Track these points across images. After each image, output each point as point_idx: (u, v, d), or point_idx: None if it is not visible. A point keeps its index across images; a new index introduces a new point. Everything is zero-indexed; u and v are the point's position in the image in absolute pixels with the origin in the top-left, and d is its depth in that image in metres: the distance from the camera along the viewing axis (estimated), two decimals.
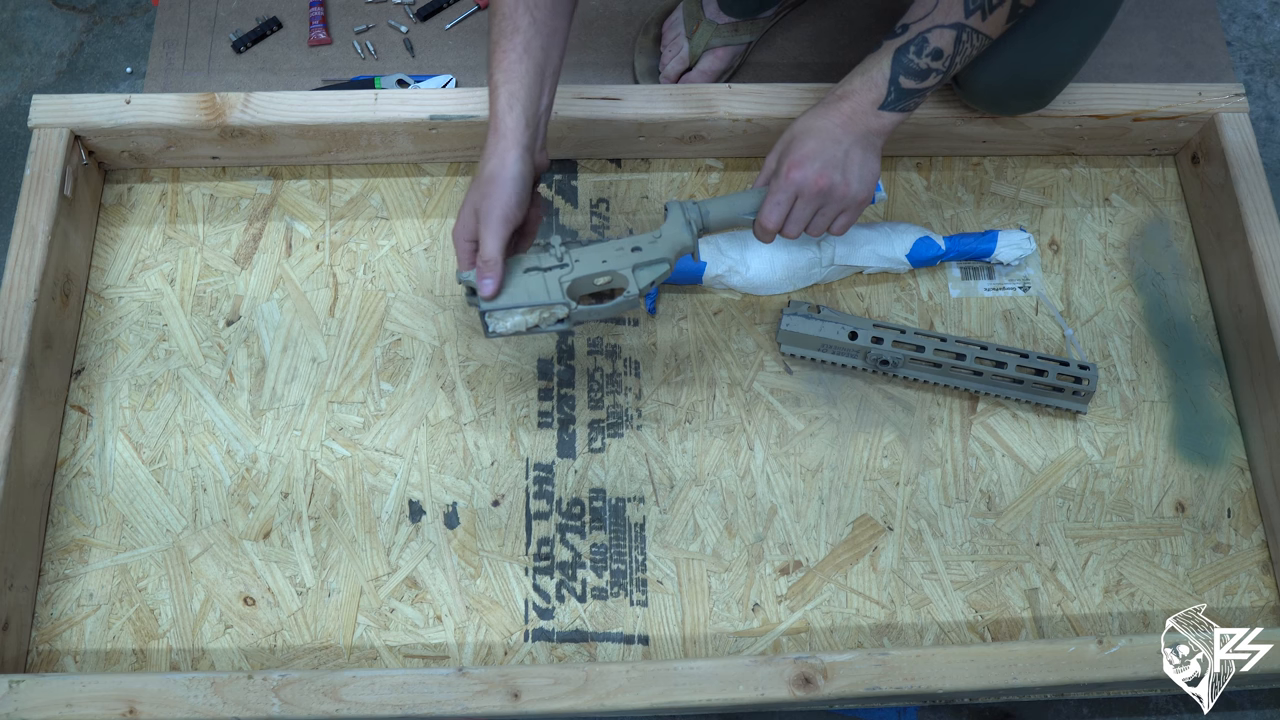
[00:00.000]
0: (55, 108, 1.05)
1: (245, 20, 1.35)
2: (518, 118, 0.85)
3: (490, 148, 0.85)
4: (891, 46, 0.90)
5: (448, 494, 1.00)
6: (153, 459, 1.01)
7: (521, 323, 0.87)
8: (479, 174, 0.85)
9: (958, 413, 1.06)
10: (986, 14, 0.87)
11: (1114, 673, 0.86)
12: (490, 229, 0.84)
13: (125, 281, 1.08)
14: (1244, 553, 1.02)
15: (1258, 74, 1.40)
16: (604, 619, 0.97)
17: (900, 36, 0.90)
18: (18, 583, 0.93)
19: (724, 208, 0.92)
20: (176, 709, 0.83)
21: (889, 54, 0.89)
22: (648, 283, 0.89)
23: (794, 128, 0.91)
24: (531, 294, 0.87)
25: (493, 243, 0.84)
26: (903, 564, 1.00)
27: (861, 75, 0.91)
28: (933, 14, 0.88)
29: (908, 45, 0.89)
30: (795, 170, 0.88)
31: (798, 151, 0.89)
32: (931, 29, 0.88)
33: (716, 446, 1.03)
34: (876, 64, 0.90)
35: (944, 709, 1.03)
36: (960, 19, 0.88)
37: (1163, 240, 1.15)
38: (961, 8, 0.87)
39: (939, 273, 1.11)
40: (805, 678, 0.85)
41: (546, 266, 0.88)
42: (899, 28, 0.90)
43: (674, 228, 0.91)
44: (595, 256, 0.89)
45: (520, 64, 0.85)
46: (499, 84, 0.86)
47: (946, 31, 0.88)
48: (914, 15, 0.89)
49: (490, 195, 0.84)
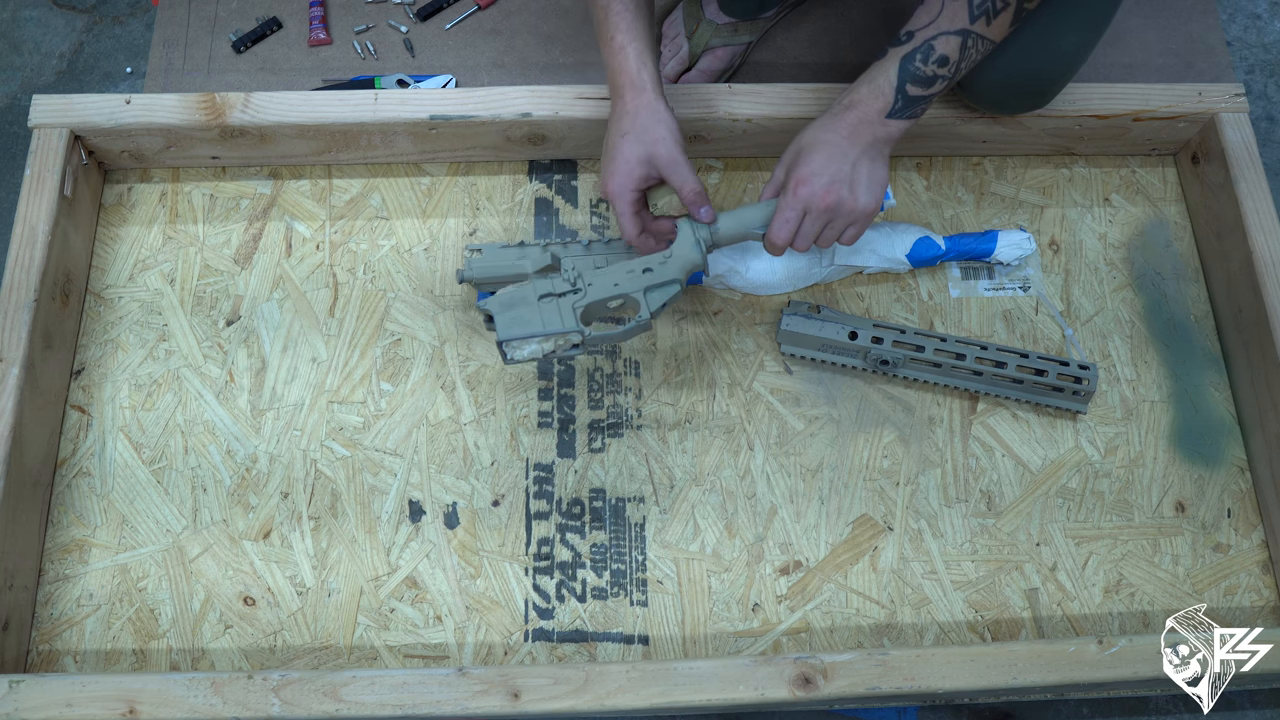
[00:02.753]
0: (55, 108, 1.05)
1: (245, 20, 1.35)
2: (652, 72, 0.91)
3: (633, 102, 0.90)
4: (898, 54, 0.89)
5: (448, 494, 1.00)
6: (153, 459, 1.01)
7: (538, 350, 0.89)
8: (631, 128, 0.90)
9: (958, 413, 1.06)
10: (991, 19, 0.87)
11: (1114, 673, 0.86)
12: (679, 164, 0.89)
13: (125, 281, 1.08)
14: (1244, 553, 1.02)
15: (1258, 74, 1.40)
16: (604, 619, 0.97)
17: (906, 44, 0.89)
18: (18, 583, 0.93)
19: (733, 224, 0.93)
20: (176, 709, 0.83)
21: (895, 62, 0.89)
22: (659, 305, 0.91)
23: (801, 139, 0.91)
24: (547, 322, 0.89)
25: (689, 174, 0.89)
26: (903, 564, 1.00)
27: (868, 84, 0.90)
28: (938, 20, 0.88)
29: (914, 53, 0.89)
30: (803, 187, 0.88)
31: (805, 167, 0.89)
32: (937, 36, 0.88)
33: (716, 446, 1.03)
34: (882, 72, 0.89)
35: (944, 709, 1.03)
36: (966, 25, 0.87)
37: (1163, 240, 1.15)
38: (966, 13, 0.87)
39: (939, 273, 1.11)
40: (805, 678, 0.85)
41: (560, 292, 0.90)
42: (904, 35, 0.90)
43: (684, 247, 0.92)
44: (607, 280, 0.91)
45: (639, 22, 0.91)
46: (625, 44, 0.90)
47: (952, 38, 0.88)
48: (919, 22, 0.89)
49: (663, 138, 0.89)
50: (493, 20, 1.36)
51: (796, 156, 0.90)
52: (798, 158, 0.90)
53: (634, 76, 0.90)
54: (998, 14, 0.87)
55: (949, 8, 0.87)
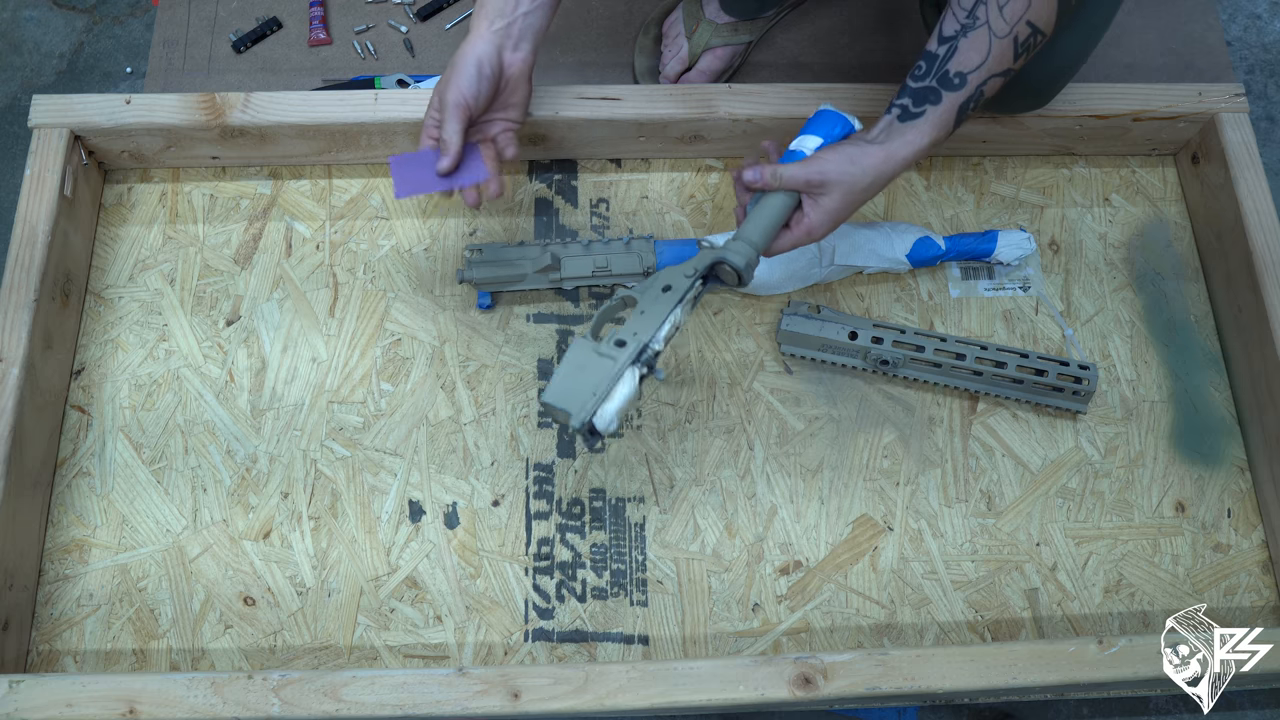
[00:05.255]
0: (55, 108, 1.05)
1: (245, 20, 1.35)
2: (486, 14, 0.91)
3: None
4: (955, 101, 0.86)
5: (448, 494, 1.00)
6: (153, 459, 1.01)
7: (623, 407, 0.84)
8: None
9: (958, 413, 1.06)
10: (1029, 54, 0.86)
11: (1114, 673, 0.86)
12: (449, 112, 0.90)
13: (125, 281, 1.08)
14: (1244, 553, 1.02)
15: (1258, 74, 1.40)
16: (604, 619, 0.97)
17: (961, 89, 0.86)
18: (18, 583, 0.93)
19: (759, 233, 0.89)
20: (176, 709, 0.83)
21: (954, 111, 0.86)
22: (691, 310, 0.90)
23: (834, 171, 0.86)
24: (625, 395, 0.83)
25: (451, 126, 0.90)
26: (903, 564, 1.00)
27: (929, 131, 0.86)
28: (988, 63, 0.85)
29: (969, 101, 0.86)
30: (818, 230, 0.87)
31: (825, 207, 0.86)
32: (988, 79, 0.86)
33: (716, 446, 1.03)
34: (941, 121, 0.86)
35: (944, 709, 1.03)
36: (1010, 65, 0.86)
37: (1163, 240, 1.15)
38: (1012, 53, 0.85)
39: (939, 273, 1.11)
40: (805, 678, 0.85)
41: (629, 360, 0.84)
42: (955, 77, 0.86)
43: None
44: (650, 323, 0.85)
45: None
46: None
47: (998, 79, 0.87)
48: (968, 62, 0.85)
49: (448, 80, 0.90)
50: None
51: (823, 187, 0.86)
52: (824, 190, 0.86)
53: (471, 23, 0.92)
54: (1033, 50, 0.86)
55: (997, 48, 0.85)
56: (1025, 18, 0.84)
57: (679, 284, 0.87)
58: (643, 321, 0.85)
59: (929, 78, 0.87)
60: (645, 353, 0.84)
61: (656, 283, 0.88)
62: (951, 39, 0.86)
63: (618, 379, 0.83)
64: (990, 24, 0.84)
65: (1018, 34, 0.84)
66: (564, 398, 0.82)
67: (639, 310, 0.87)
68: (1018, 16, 0.84)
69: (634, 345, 0.84)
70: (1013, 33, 0.84)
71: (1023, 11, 0.84)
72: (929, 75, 0.87)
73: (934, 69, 0.86)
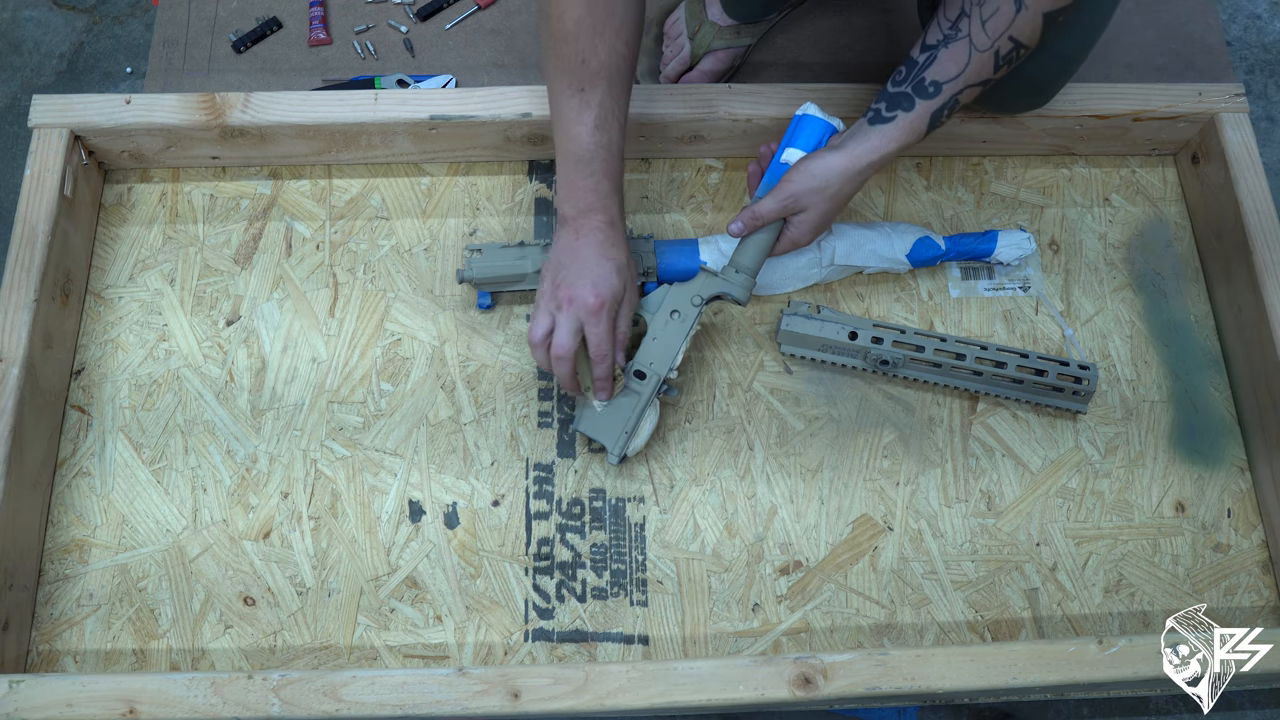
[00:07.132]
0: (55, 108, 1.05)
1: (245, 20, 1.35)
2: (621, 205, 0.90)
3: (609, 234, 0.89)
4: (928, 109, 0.87)
5: (448, 494, 1.00)
6: (153, 459, 1.01)
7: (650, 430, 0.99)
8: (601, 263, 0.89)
9: (958, 413, 1.06)
10: (1010, 65, 0.87)
11: (1114, 673, 0.86)
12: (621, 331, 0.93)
13: (125, 281, 1.08)
14: (1244, 553, 1.02)
15: (1258, 74, 1.40)
16: (604, 619, 0.97)
17: (935, 97, 0.87)
18: (18, 583, 0.93)
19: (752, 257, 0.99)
20: (176, 709, 0.83)
21: (926, 118, 0.88)
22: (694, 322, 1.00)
23: (801, 191, 0.91)
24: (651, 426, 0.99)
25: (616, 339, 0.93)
26: (903, 564, 1.00)
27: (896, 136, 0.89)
28: (965, 73, 0.86)
29: (943, 108, 0.88)
30: (802, 239, 0.95)
31: (805, 221, 0.93)
32: (964, 89, 0.87)
33: (716, 446, 1.03)
34: (911, 127, 0.88)
35: (944, 709, 1.03)
36: (990, 75, 0.86)
37: (1163, 240, 1.15)
38: (992, 65, 0.85)
39: (939, 273, 1.11)
40: (805, 678, 0.85)
41: (653, 392, 0.97)
42: (930, 85, 0.87)
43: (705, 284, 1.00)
44: (665, 351, 0.98)
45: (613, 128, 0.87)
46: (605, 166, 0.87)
47: (975, 89, 0.87)
48: (945, 72, 0.86)
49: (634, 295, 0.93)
50: (493, 20, 1.36)
51: (806, 192, 0.91)
52: (798, 208, 0.92)
53: (609, 204, 0.89)
54: (1015, 62, 0.87)
55: (976, 60, 0.85)
56: (1008, 33, 0.84)
57: (687, 312, 0.98)
58: (656, 350, 0.97)
59: (905, 83, 0.89)
60: (663, 384, 0.97)
61: (664, 306, 0.99)
62: (933, 48, 0.87)
63: (643, 414, 0.97)
64: (972, 38, 0.85)
65: (999, 48, 0.85)
66: (597, 430, 0.97)
67: (650, 336, 0.98)
68: (1000, 31, 0.84)
69: (654, 379, 0.96)
70: (994, 47, 0.85)
71: (1005, 27, 0.84)
72: (906, 81, 0.89)
73: (911, 75, 0.88)
